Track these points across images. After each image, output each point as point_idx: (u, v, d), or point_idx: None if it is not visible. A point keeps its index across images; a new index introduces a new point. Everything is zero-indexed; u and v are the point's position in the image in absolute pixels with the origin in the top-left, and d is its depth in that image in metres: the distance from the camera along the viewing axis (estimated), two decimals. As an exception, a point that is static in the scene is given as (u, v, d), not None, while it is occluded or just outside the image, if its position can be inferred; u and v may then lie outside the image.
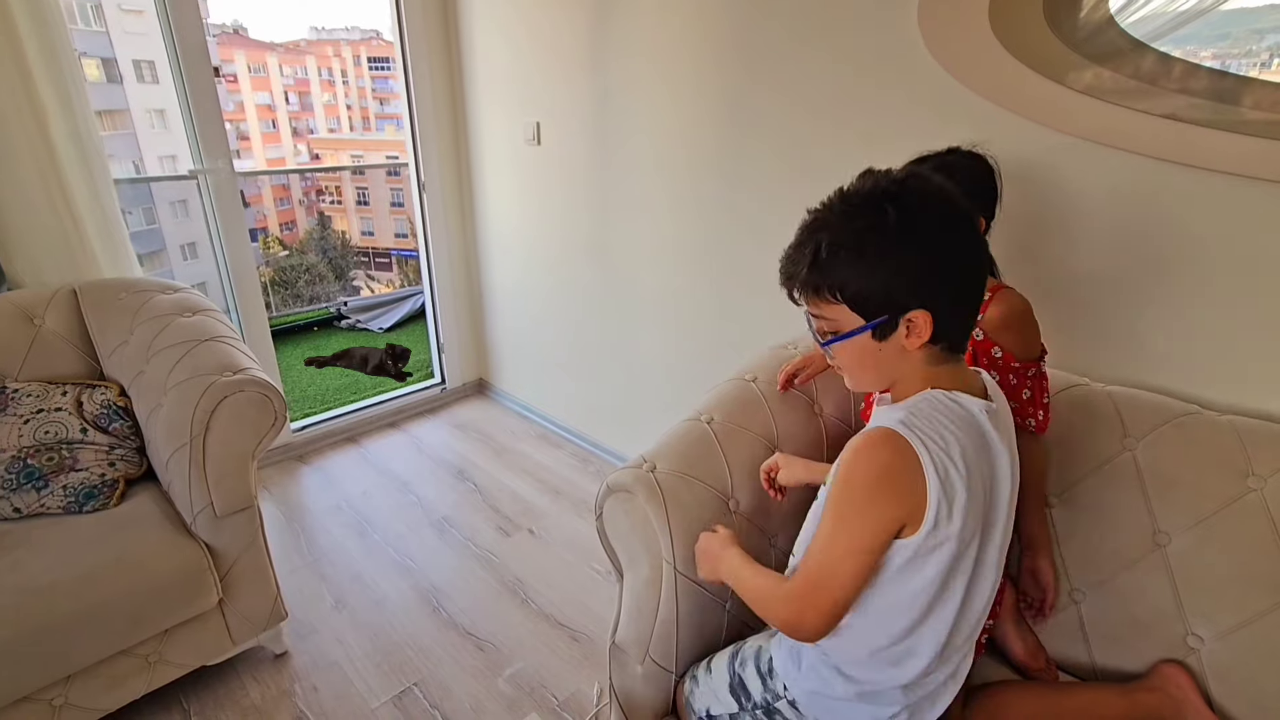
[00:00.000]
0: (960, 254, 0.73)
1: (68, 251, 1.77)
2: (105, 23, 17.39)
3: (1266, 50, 1.05)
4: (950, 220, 0.73)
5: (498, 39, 2.36)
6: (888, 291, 0.72)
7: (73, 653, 1.24)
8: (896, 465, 0.71)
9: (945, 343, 0.75)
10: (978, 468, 0.73)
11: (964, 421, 0.74)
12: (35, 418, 1.43)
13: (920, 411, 0.73)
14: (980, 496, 0.74)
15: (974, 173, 1.10)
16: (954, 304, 0.74)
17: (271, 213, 24.46)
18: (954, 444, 0.72)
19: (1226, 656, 0.98)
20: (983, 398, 0.78)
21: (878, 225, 0.71)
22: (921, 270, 0.71)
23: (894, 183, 0.72)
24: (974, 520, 0.74)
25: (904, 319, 0.72)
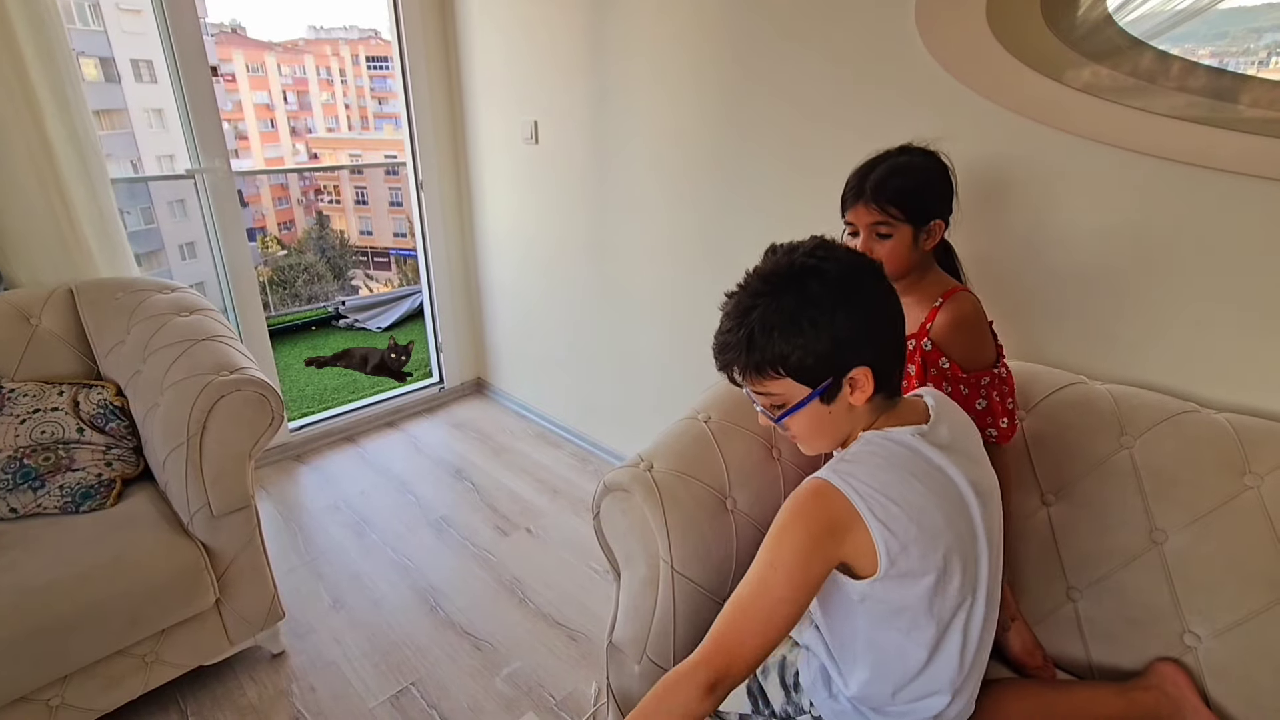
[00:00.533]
0: (881, 308, 0.77)
1: (64, 251, 1.76)
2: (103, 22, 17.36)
3: (1264, 48, 1.05)
4: (866, 280, 0.77)
5: (496, 38, 2.36)
6: (828, 357, 0.75)
7: (69, 653, 1.23)
8: (821, 509, 0.72)
9: (885, 391, 0.79)
10: (929, 497, 0.74)
11: (898, 456, 0.75)
12: (32, 417, 1.43)
13: (853, 456, 0.76)
14: (943, 523, 0.74)
15: (930, 172, 1.08)
16: (887, 353, 0.78)
17: (270, 212, 24.43)
18: (893, 481, 0.73)
19: (1223, 654, 0.97)
20: (922, 421, 0.80)
21: (805, 299, 0.74)
22: (855, 331, 0.75)
23: (807, 255, 0.77)
24: (942, 548, 0.74)
25: (847, 379, 0.76)
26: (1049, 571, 1.13)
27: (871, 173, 1.08)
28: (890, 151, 1.10)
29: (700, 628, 1.08)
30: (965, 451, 0.81)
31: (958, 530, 0.76)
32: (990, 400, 1.07)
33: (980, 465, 0.83)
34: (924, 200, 1.07)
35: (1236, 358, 1.12)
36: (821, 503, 0.73)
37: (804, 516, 0.73)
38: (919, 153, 1.09)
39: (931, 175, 1.08)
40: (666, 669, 1.05)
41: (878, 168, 1.08)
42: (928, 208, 1.07)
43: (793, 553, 0.72)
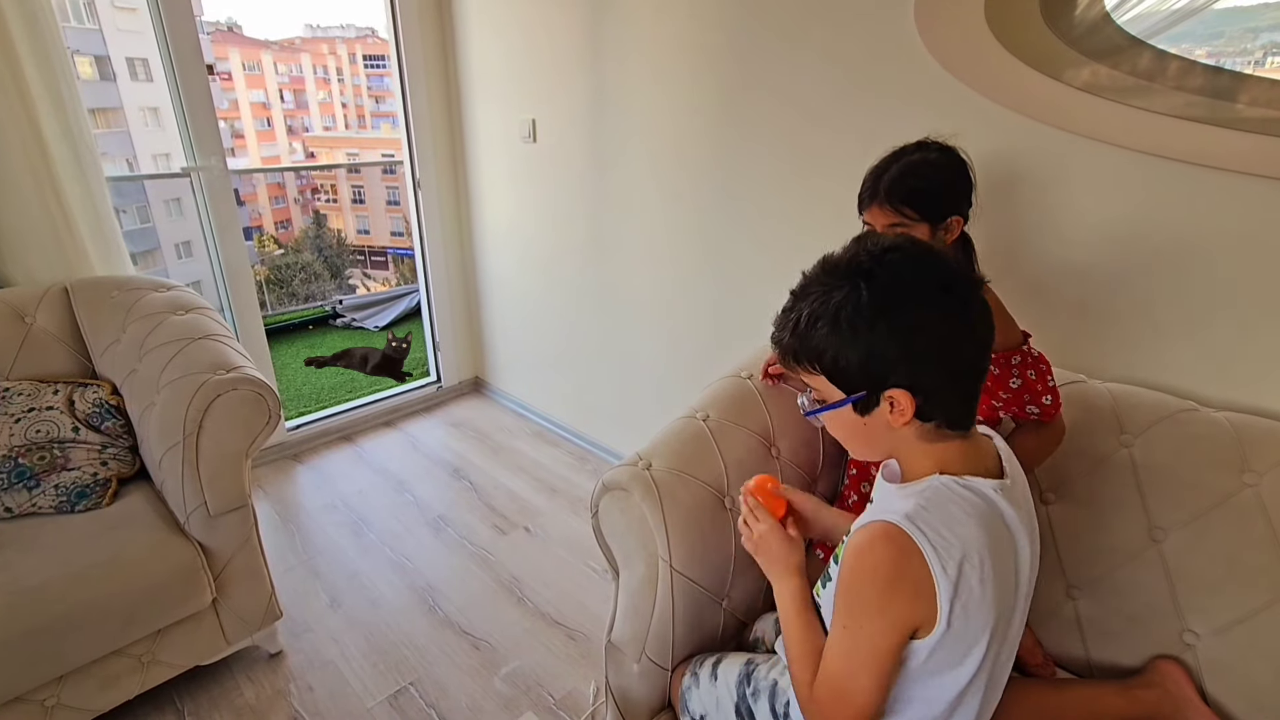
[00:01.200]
0: (941, 328, 0.68)
1: (59, 249, 1.76)
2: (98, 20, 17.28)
3: (1260, 48, 1.05)
4: (929, 293, 0.68)
5: (493, 36, 2.35)
6: (864, 367, 0.69)
7: (65, 653, 1.23)
8: (903, 565, 0.67)
9: (939, 420, 0.71)
10: (997, 557, 0.69)
11: (979, 510, 0.69)
12: (26, 416, 1.42)
13: (931, 504, 0.68)
14: (1000, 587, 0.69)
15: (946, 168, 1.07)
16: (942, 382, 0.69)
17: (266, 211, 24.36)
18: (970, 539, 0.67)
19: (1222, 652, 0.98)
20: (998, 472, 0.74)
21: (851, 299, 0.68)
22: (896, 348, 0.67)
23: (871, 256, 0.69)
24: (992, 612, 0.69)
25: (884, 396, 0.69)
26: (1048, 570, 1.13)
27: (886, 172, 1.06)
28: (906, 148, 1.08)
29: (699, 625, 1.08)
30: (1029, 507, 0.76)
31: (1007, 593, 0.72)
32: (1025, 379, 1.06)
33: (1032, 528, 0.76)
34: (939, 198, 1.05)
35: (1235, 356, 1.12)
36: (895, 554, 0.67)
37: (873, 562, 0.69)
38: (935, 148, 1.07)
39: (947, 172, 1.06)
40: (665, 668, 1.05)
41: (892, 167, 1.06)
42: (944, 205, 1.05)
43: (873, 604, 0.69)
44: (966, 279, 0.70)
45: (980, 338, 0.71)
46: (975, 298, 0.70)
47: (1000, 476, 0.73)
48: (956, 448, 0.73)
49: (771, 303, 0.80)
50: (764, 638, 1.08)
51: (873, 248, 0.70)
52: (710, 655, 1.04)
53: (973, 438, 0.74)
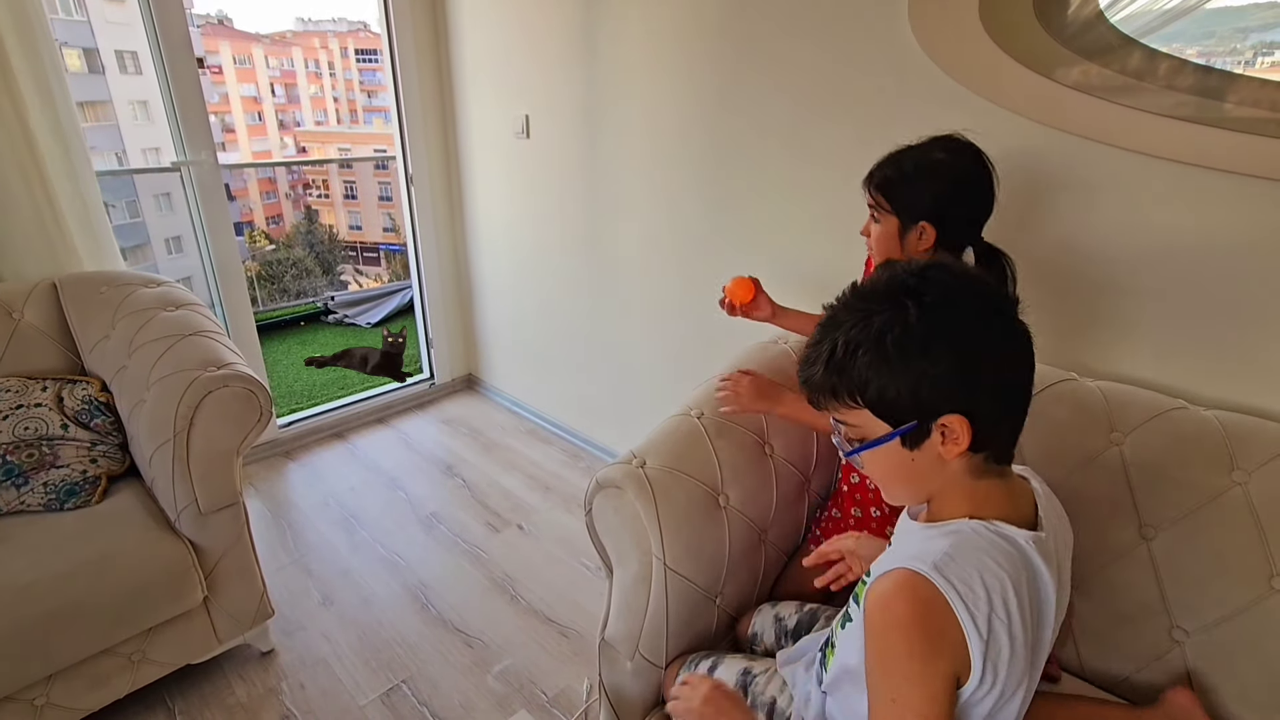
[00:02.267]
0: (998, 349, 0.64)
1: (48, 244, 1.74)
2: (86, 12, 17.10)
3: (1250, 48, 1.05)
4: (982, 313, 0.64)
5: (486, 30, 2.34)
6: (915, 394, 0.63)
7: (54, 652, 1.22)
8: (936, 623, 0.62)
9: (990, 451, 0.66)
10: (1027, 609, 0.64)
11: (1010, 560, 0.64)
12: (14, 414, 1.41)
13: (959, 551, 0.64)
14: (1032, 639, 0.66)
15: (934, 172, 1.03)
16: (996, 407, 0.64)
17: (258, 206, 24.19)
18: (998, 591, 0.62)
19: (1211, 650, 0.99)
20: (1032, 520, 0.69)
21: (898, 321, 0.62)
22: (953, 371, 0.62)
23: (912, 274, 0.64)
24: (1024, 665, 0.65)
25: (937, 425, 0.64)
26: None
27: (896, 157, 1.07)
28: (926, 140, 1.06)
29: (692, 624, 1.08)
30: (1061, 558, 0.72)
31: (1037, 644, 0.68)
32: None
33: (1063, 579, 0.73)
34: (908, 197, 1.04)
35: (1225, 355, 1.13)
36: (922, 610, 0.62)
37: (911, 625, 0.63)
38: (945, 148, 1.04)
39: (936, 174, 1.03)
40: (659, 665, 1.05)
41: (899, 154, 1.06)
42: (915, 205, 1.03)
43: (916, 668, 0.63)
44: (1012, 300, 0.67)
45: (1032, 362, 0.67)
46: (1014, 312, 0.67)
47: (1034, 526, 0.69)
48: (997, 488, 0.69)
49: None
50: (761, 635, 1.08)
51: (911, 268, 0.66)
52: (705, 656, 1.03)
53: (1010, 478, 0.71)
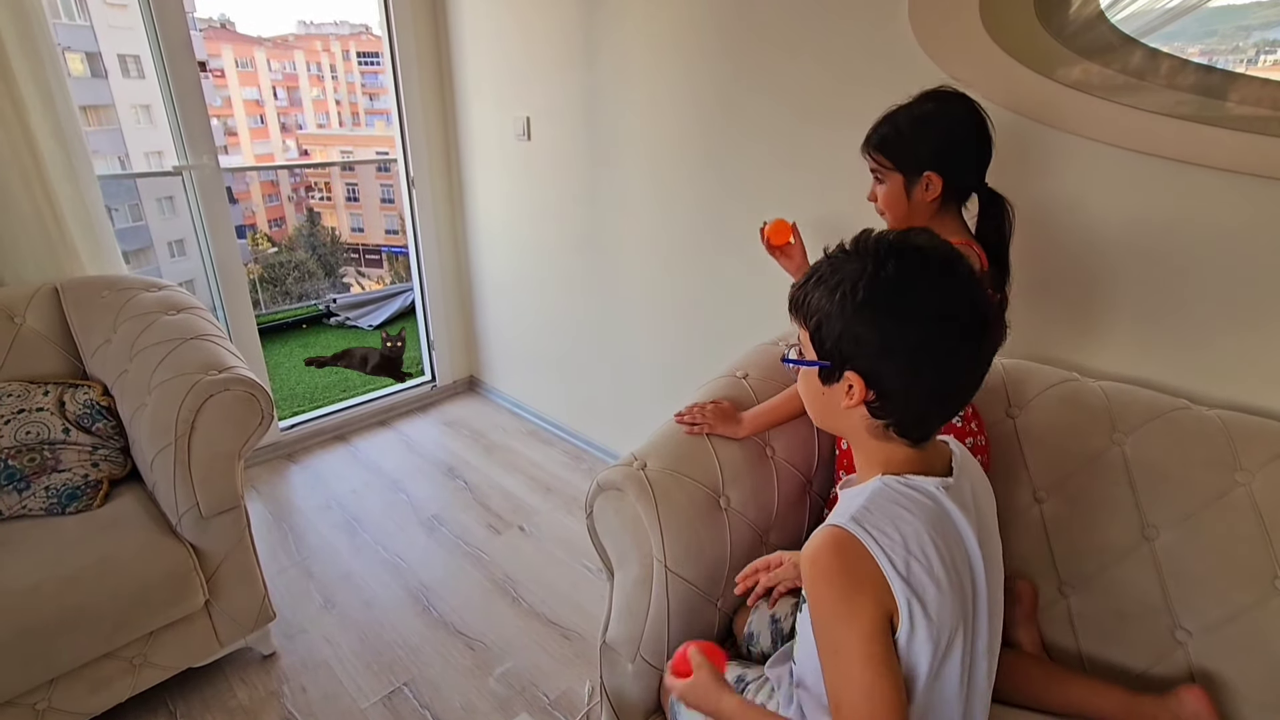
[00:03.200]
0: (929, 343, 0.67)
1: (49, 248, 1.74)
2: (89, 16, 17.16)
3: (1253, 46, 1.05)
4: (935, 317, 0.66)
5: (487, 33, 2.34)
6: (837, 341, 0.69)
7: (56, 656, 1.22)
8: (855, 567, 0.67)
9: (892, 423, 0.71)
10: (947, 553, 0.69)
11: (922, 506, 0.70)
12: (16, 418, 1.41)
13: (874, 503, 0.69)
14: (956, 583, 0.69)
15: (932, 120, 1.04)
16: (905, 394, 0.69)
17: (260, 209, 24.24)
18: (913, 535, 0.67)
19: (1214, 650, 0.98)
20: (944, 472, 0.74)
21: (856, 275, 0.67)
22: (871, 338, 0.67)
23: (894, 242, 0.68)
24: (955, 611, 0.69)
25: (845, 374, 0.70)
26: (1041, 567, 1.14)
27: (889, 117, 1.08)
28: (916, 96, 1.07)
29: (694, 626, 1.07)
30: (981, 513, 0.76)
31: (964, 595, 0.71)
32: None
33: (992, 531, 0.77)
34: (909, 149, 1.04)
35: (1227, 354, 1.13)
36: (843, 557, 0.67)
37: (830, 572, 0.68)
38: (934, 99, 1.05)
39: (930, 122, 1.04)
40: (660, 669, 1.05)
41: (893, 113, 1.08)
42: (916, 157, 1.04)
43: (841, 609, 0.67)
44: (990, 323, 0.68)
45: (964, 383, 0.70)
46: (987, 346, 0.69)
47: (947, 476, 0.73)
48: (904, 451, 0.73)
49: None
50: (758, 637, 1.08)
51: (902, 236, 0.69)
52: None
53: (923, 446, 0.74)
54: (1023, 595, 1.12)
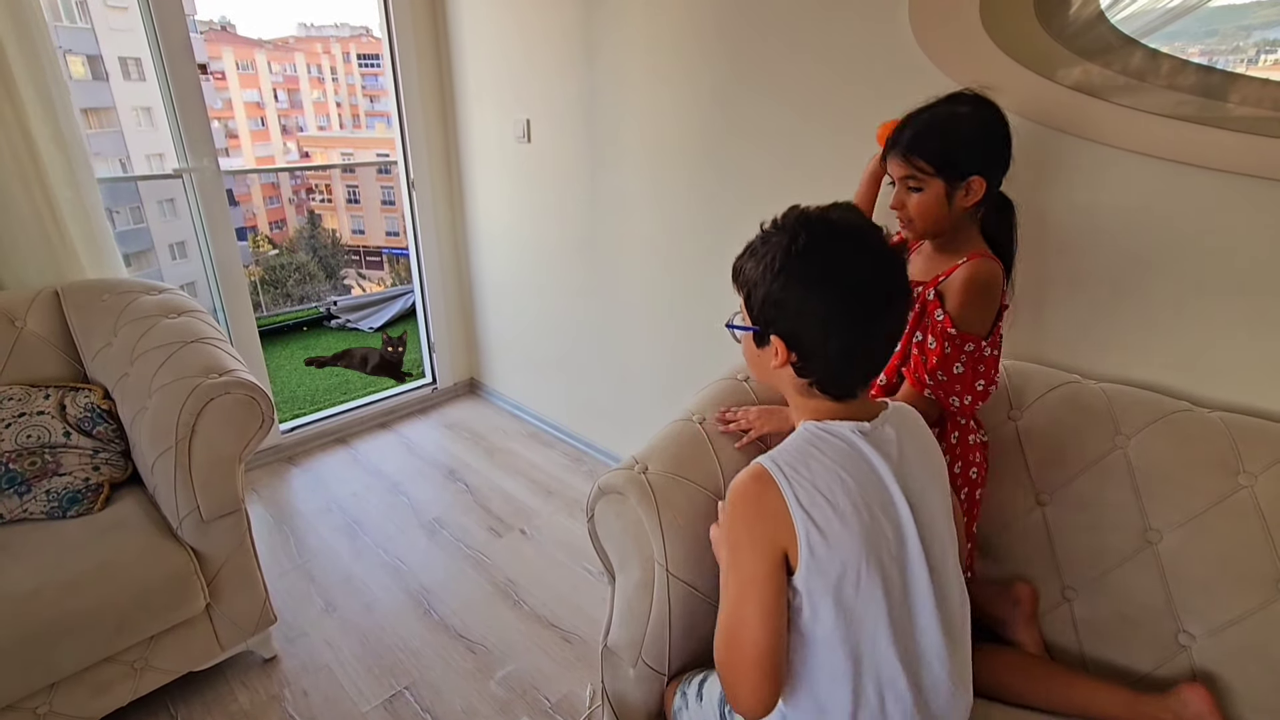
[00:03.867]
0: (841, 311, 0.74)
1: (50, 252, 1.74)
2: (90, 19, 17.18)
3: (1253, 46, 1.05)
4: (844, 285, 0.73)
5: (487, 35, 2.34)
6: (763, 306, 0.77)
7: (57, 660, 1.22)
8: (763, 498, 0.73)
9: (813, 381, 0.78)
10: (860, 495, 0.73)
11: (836, 449, 0.75)
12: (17, 421, 1.41)
13: (793, 446, 0.76)
14: (869, 519, 0.73)
15: (969, 124, 1.02)
16: (822, 356, 0.76)
17: (261, 211, 24.26)
18: (821, 470, 0.73)
19: (1218, 653, 0.98)
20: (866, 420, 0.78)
21: (781, 246, 0.75)
22: (790, 303, 0.75)
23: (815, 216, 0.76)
24: (862, 545, 0.72)
25: (771, 337, 0.77)
26: (1044, 570, 1.13)
27: (911, 122, 1.04)
28: (939, 99, 1.05)
29: (695, 630, 1.07)
30: (912, 465, 0.78)
31: (879, 533, 0.73)
32: (966, 370, 1.04)
33: (927, 486, 0.79)
34: (955, 154, 1.01)
35: (1230, 356, 1.12)
36: (758, 487, 0.74)
37: (743, 497, 0.75)
38: (967, 101, 1.03)
39: (970, 128, 1.02)
40: (662, 673, 1.04)
41: (919, 117, 1.04)
42: (961, 162, 1.01)
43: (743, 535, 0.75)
44: (896, 292, 0.76)
45: (874, 346, 0.77)
46: (896, 313, 0.77)
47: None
48: (830, 406, 0.79)
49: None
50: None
51: (821, 209, 0.77)
52: (699, 672, 1.02)
53: (851, 402, 0.80)
54: (1022, 598, 1.12)
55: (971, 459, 1.11)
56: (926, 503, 0.78)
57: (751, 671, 0.71)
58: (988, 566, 1.20)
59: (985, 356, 1.05)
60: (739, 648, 0.72)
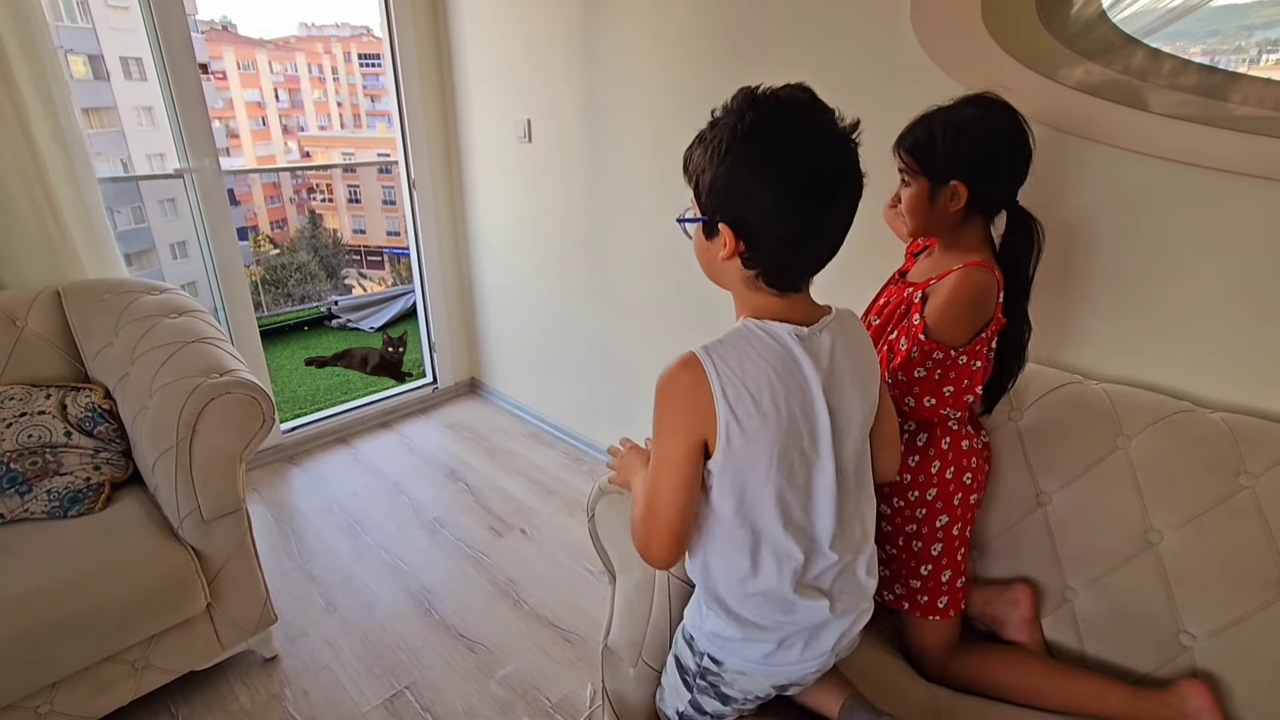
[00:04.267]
0: (787, 195, 0.71)
1: (50, 251, 1.74)
2: (91, 18, 17.20)
3: (1255, 46, 1.05)
4: (796, 169, 0.70)
5: (487, 35, 2.34)
6: (710, 192, 0.74)
7: (57, 660, 1.22)
8: (691, 386, 0.75)
9: (759, 272, 0.76)
10: (785, 397, 0.76)
11: (770, 349, 0.76)
12: (18, 421, 1.41)
13: (728, 340, 0.77)
14: (787, 420, 0.76)
15: (965, 129, 0.99)
16: (769, 242, 0.73)
17: (262, 211, 24.26)
18: (752, 369, 0.75)
19: (1219, 654, 0.98)
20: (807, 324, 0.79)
21: (727, 128, 0.72)
22: (736, 188, 0.72)
23: (765, 95, 0.73)
24: (777, 442, 0.76)
25: (720, 226, 0.74)
26: (1045, 569, 1.13)
27: (920, 118, 1.04)
28: (958, 100, 1.03)
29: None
30: (841, 373, 0.80)
31: (795, 433, 0.77)
32: (930, 375, 1.03)
33: (850, 393, 0.81)
34: (937, 156, 1.00)
35: (1232, 357, 1.12)
36: (688, 377, 0.75)
37: (671, 384, 0.77)
38: (976, 107, 1.01)
39: (967, 133, 0.99)
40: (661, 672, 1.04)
41: (927, 114, 1.03)
42: (940, 164, 1.00)
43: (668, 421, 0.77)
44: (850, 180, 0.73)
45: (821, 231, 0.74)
46: (845, 199, 0.73)
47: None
48: (774, 301, 0.78)
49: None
50: None
51: (770, 89, 0.74)
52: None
53: (794, 299, 0.79)
54: (1020, 600, 1.12)
55: (965, 464, 1.09)
56: (846, 408, 0.81)
57: (664, 535, 0.79)
58: (988, 566, 1.20)
59: (959, 366, 1.03)
60: (654, 515, 0.79)
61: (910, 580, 1.12)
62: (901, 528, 1.11)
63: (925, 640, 1.13)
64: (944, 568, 1.10)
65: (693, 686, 0.94)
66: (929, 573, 1.11)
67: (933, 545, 1.10)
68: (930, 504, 1.08)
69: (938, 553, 1.10)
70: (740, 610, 0.85)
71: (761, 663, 0.86)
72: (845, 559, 0.86)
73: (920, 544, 1.10)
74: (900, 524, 1.11)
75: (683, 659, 0.95)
